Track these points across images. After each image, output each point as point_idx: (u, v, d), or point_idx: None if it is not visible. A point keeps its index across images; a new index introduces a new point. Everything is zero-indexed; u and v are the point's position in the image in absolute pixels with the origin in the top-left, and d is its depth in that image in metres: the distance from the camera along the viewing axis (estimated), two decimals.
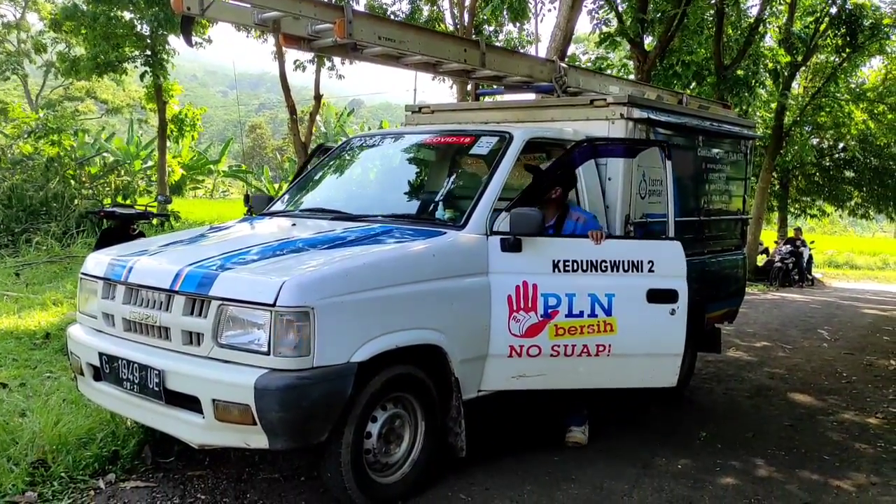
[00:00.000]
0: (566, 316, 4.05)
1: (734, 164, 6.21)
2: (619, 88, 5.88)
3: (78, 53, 17.14)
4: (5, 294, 8.33)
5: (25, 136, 18.95)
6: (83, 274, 4.01)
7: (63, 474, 3.71)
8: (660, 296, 4.23)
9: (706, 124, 5.80)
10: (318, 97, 18.42)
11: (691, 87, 15.30)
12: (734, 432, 5.17)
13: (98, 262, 3.94)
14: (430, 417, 3.76)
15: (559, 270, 4.08)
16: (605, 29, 15.11)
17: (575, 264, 4.09)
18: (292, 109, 17.64)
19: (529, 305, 3.99)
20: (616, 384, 4.42)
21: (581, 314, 4.08)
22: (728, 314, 6.37)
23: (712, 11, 15.27)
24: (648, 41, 14.97)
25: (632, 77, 14.79)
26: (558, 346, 4.07)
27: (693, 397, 6.09)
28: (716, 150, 5.91)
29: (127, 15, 14.50)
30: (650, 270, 4.22)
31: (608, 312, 4.12)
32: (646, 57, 13.89)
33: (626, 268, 4.19)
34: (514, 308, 3.97)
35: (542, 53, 12.04)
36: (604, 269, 4.15)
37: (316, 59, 16.93)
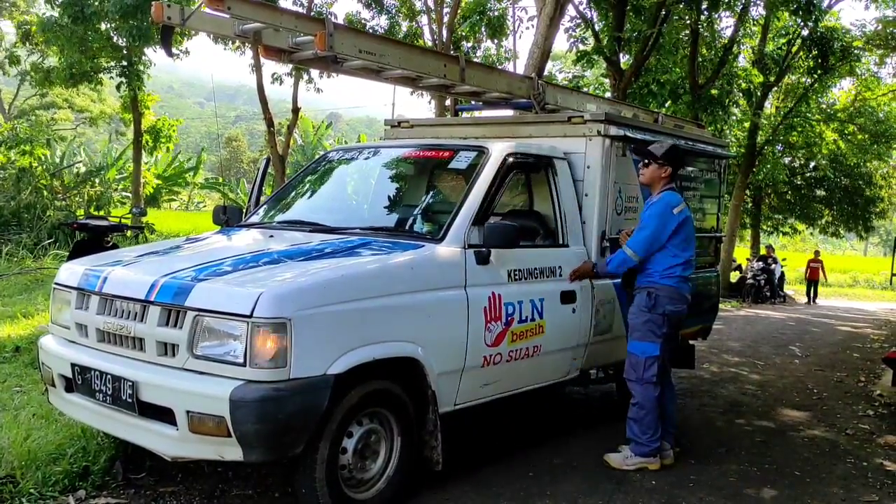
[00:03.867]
0: (518, 322, 4.26)
1: (708, 183, 6.29)
2: (597, 106, 5.94)
3: (52, 63, 16.99)
4: None
5: None
6: (56, 284, 3.96)
7: (32, 490, 3.64)
8: (567, 297, 4.60)
9: (681, 143, 5.88)
10: (295, 110, 18.38)
11: (666, 105, 15.53)
12: (707, 447, 5.21)
13: (72, 272, 3.90)
14: (407, 433, 3.75)
15: (513, 279, 4.29)
16: (581, 47, 15.31)
17: (519, 273, 4.33)
18: (270, 122, 17.58)
19: (497, 315, 4.11)
20: (538, 383, 4.65)
21: (526, 319, 4.32)
22: (702, 331, 6.43)
23: (687, 31, 15.54)
24: (624, 60, 15.19)
25: (608, 95, 14.97)
26: (513, 351, 4.26)
27: None
28: (690, 169, 5.99)
29: (103, 26, 14.40)
30: (560, 275, 4.58)
31: (541, 315, 4.41)
32: (621, 75, 14.08)
33: (547, 274, 4.50)
34: (488, 319, 4.06)
35: (521, 70, 12.16)
36: (536, 276, 4.44)
37: (294, 72, 16.93)
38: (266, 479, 4.03)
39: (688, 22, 15.09)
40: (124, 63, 15.43)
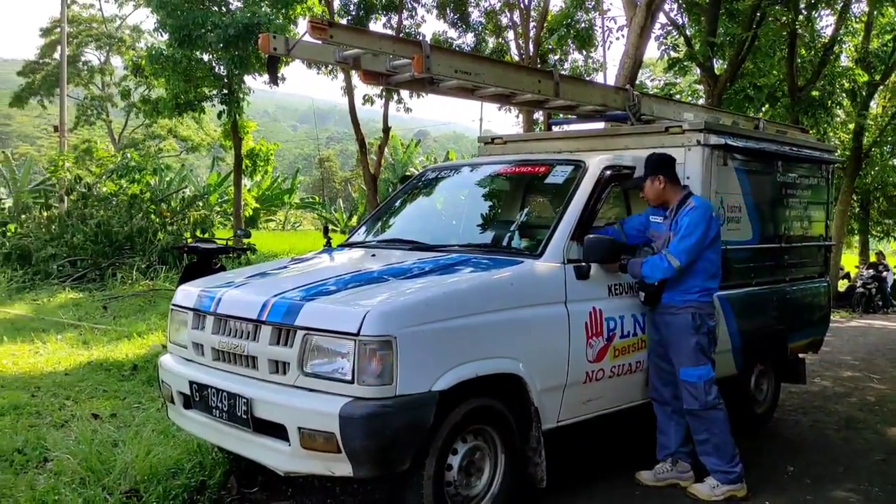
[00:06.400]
0: (620, 337, 4.21)
1: (815, 189, 6.04)
2: (694, 115, 5.81)
3: (158, 94, 17.98)
4: (94, 327, 8.70)
5: (108, 174, 19.91)
6: (174, 305, 4.17)
7: (155, 503, 3.82)
8: None
9: (785, 149, 5.68)
10: (386, 130, 18.81)
11: (763, 109, 15.01)
12: (823, 467, 4.97)
13: (188, 293, 4.10)
14: (511, 449, 3.75)
15: (613, 294, 4.26)
16: (673, 54, 15.00)
17: (620, 287, 4.29)
18: (362, 142, 18.06)
19: (599, 330, 4.08)
20: (643, 399, 4.52)
21: (628, 334, 4.28)
22: (812, 344, 6.17)
23: (785, 32, 14.97)
24: (718, 65, 14.79)
25: (701, 102, 14.60)
26: (615, 366, 4.21)
27: (778, 430, 5.88)
28: (795, 175, 5.78)
29: (205, 57, 15.16)
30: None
31: (644, 330, 4.36)
32: (716, 81, 13.72)
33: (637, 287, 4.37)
34: (590, 334, 4.03)
35: (610, 80, 12.02)
36: (636, 289, 4.34)
37: (384, 93, 17.32)
38: (372, 494, 4.10)
39: (785, 22, 14.55)
40: (225, 91, 16.15)
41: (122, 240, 13.02)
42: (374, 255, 4.46)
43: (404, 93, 17.09)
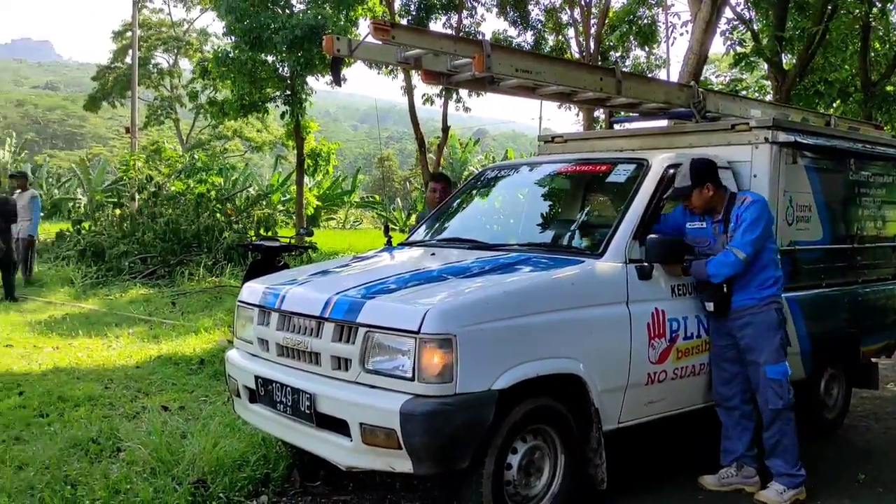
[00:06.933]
0: (684, 338, 4.15)
1: (890, 188, 5.82)
2: (762, 112, 5.66)
3: (224, 96, 18.46)
4: (164, 322, 8.99)
5: (177, 174, 20.52)
6: (240, 302, 4.28)
7: (221, 495, 3.92)
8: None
9: (858, 147, 5.50)
10: (445, 129, 18.85)
11: (834, 105, 14.51)
12: None
13: (253, 290, 4.20)
14: (570, 450, 3.73)
15: (676, 294, 4.19)
16: (739, 49, 14.63)
17: (683, 287, 4.22)
18: (421, 142, 18.15)
19: (661, 331, 4.02)
20: (706, 402, 4.43)
21: (692, 336, 4.21)
22: (886, 348, 5.95)
23: (857, 26, 14.44)
24: (787, 60, 14.36)
25: (769, 98, 14.21)
26: (678, 368, 4.15)
27: (848, 436, 5.69)
28: (869, 174, 5.58)
29: (270, 58, 15.49)
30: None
31: (707, 331, 4.28)
32: (784, 76, 13.31)
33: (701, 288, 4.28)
34: (652, 335, 3.98)
35: (674, 77, 11.82)
36: (699, 290, 4.25)
37: (444, 93, 17.38)
38: (432, 491, 4.14)
39: (858, 15, 14.02)
40: (288, 92, 16.47)
41: (189, 238, 13.39)
42: (433, 254, 4.49)
43: (463, 92, 17.12)
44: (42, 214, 14.80)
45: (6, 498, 3.76)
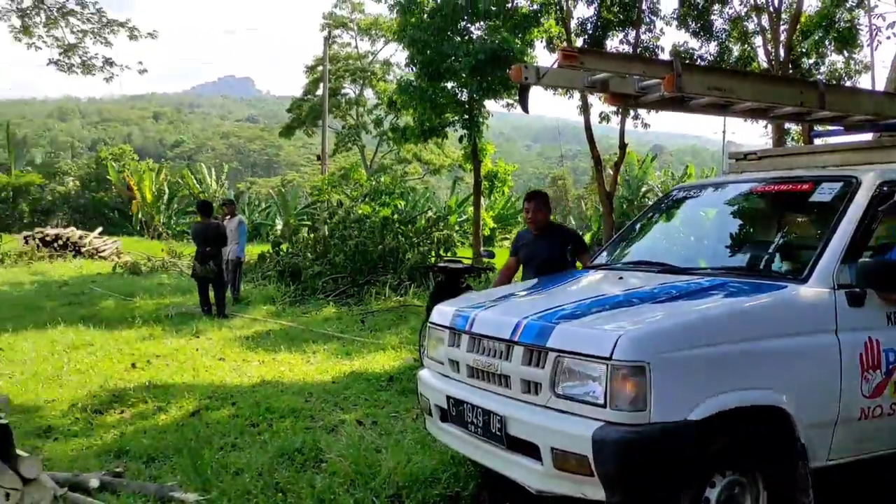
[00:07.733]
0: None
1: None
2: None
3: (406, 122, 19.34)
4: (354, 339, 9.50)
5: (363, 198, 21.66)
6: (431, 323, 4.45)
7: None
8: None
9: None
10: (622, 146, 18.49)
11: None
12: None
13: (443, 312, 4.35)
14: (774, 488, 3.51)
15: (893, 323, 3.81)
16: None
17: None
18: (597, 160, 17.92)
19: (876, 363, 3.70)
20: None
21: None
22: None
23: None
24: None
25: None
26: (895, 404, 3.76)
27: None
28: None
29: (449, 84, 16.05)
30: None
31: None
32: None
33: None
34: (865, 367, 3.68)
35: (879, 84, 10.85)
36: None
37: (621, 110, 17.07)
38: None
39: None
40: (465, 116, 16.94)
41: (375, 259, 14.08)
42: (621, 278, 4.42)
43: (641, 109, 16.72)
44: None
45: (227, 501, 4.13)
